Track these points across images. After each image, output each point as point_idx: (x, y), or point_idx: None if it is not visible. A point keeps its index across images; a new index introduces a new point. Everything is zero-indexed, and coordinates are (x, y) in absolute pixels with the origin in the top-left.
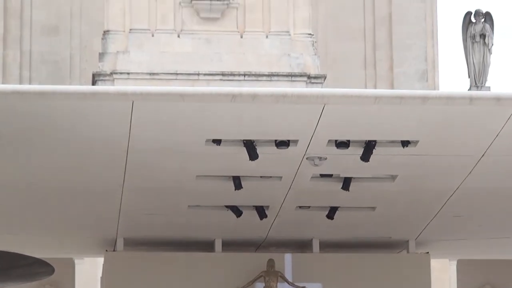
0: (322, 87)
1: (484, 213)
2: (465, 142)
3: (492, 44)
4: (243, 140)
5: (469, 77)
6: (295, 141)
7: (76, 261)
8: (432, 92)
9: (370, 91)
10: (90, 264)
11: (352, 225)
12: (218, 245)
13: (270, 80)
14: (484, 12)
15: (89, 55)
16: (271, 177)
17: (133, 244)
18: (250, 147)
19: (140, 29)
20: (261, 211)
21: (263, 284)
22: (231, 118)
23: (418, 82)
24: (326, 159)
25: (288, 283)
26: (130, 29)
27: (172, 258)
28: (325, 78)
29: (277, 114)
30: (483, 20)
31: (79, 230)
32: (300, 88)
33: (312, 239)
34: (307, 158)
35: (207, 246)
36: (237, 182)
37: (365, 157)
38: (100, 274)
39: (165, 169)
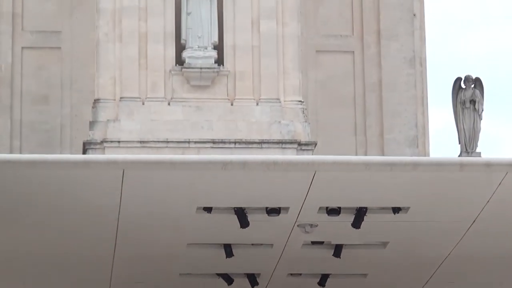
0: (312, 154)
1: (476, 280)
2: (456, 208)
3: (482, 110)
4: (234, 207)
5: (459, 143)
6: (286, 209)
7: None
8: (423, 159)
9: (361, 158)
10: None
11: None
12: None
13: (261, 148)
14: (474, 78)
15: (79, 124)
16: (262, 244)
17: None
18: (241, 214)
19: (130, 98)
20: (253, 279)
21: None
22: (222, 186)
23: (409, 148)
24: (317, 226)
25: None
26: (121, 98)
27: None
28: (315, 145)
29: (267, 181)
30: (473, 86)
31: None
32: (290, 155)
33: None
34: (298, 225)
35: None
36: (228, 250)
37: (356, 224)
38: None
39: (156, 237)
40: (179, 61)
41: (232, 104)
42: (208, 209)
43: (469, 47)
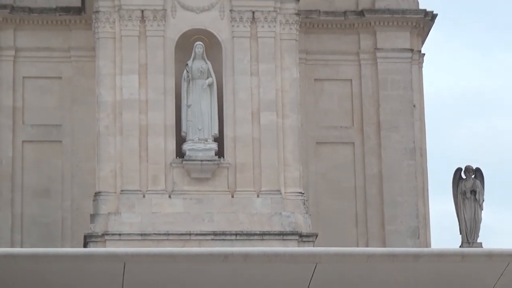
0: (314, 246)
1: None
2: None
3: (483, 200)
4: None
5: (460, 233)
6: None
7: None
8: (424, 250)
9: (362, 249)
10: None
11: None
12: None
13: (262, 239)
14: (474, 168)
15: (80, 217)
16: None
17: None
18: None
19: (131, 190)
20: None
21: None
22: (223, 278)
23: (410, 239)
24: None
25: None
26: (121, 191)
27: None
28: (316, 236)
29: (269, 273)
30: (473, 176)
31: None
32: (292, 247)
33: None
34: None
35: None
36: None
37: None
38: None
39: None
40: (180, 153)
41: (233, 196)
42: None
43: (469, 137)
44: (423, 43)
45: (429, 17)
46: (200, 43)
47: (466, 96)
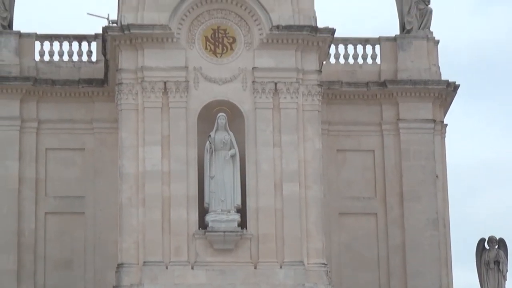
0: None
1: None
2: None
3: (507, 271)
4: None
5: None
6: None
7: None
8: None
9: None
10: None
11: None
12: None
13: None
14: (497, 239)
15: None
16: None
17: None
18: None
19: (153, 262)
20: None
21: None
22: None
23: None
24: None
25: None
26: (144, 262)
27: None
28: None
29: None
30: (497, 246)
31: None
32: None
33: None
34: None
35: None
36: None
37: None
38: None
39: None
40: (202, 224)
41: (255, 267)
42: None
43: (492, 207)
44: (445, 113)
45: (452, 88)
46: (223, 114)
47: (489, 166)
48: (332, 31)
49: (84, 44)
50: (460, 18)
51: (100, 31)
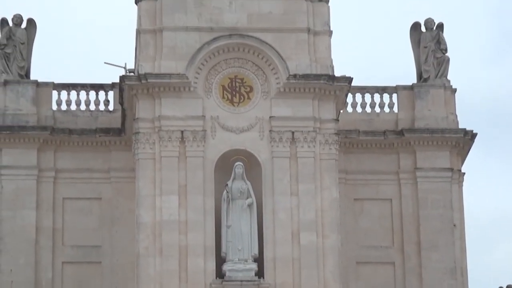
0: None
1: None
2: None
3: None
4: None
5: None
6: None
7: None
8: None
9: None
10: None
11: None
12: None
13: None
14: None
15: None
16: None
17: None
18: None
19: None
20: None
21: None
22: None
23: None
24: None
25: None
26: None
27: None
28: None
29: None
30: None
31: None
32: None
33: None
34: None
35: None
36: None
37: None
38: None
39: None
40: (220, 274)
41: None
42: None
43: (510, 256)
44: (463, 162)
45: (469, 136)
46: (240, 163)
47: (507, 214)
48: (349, 79)
49: (101, 93)
50: (477, 66)
51: (117, 80)
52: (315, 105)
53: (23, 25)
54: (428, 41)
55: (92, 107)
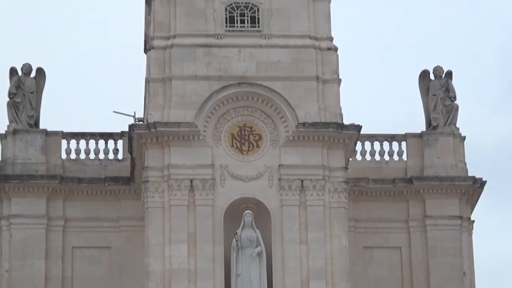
0: None
1: None
2: None
3: None
4: None
5: None
6: None
7: None
8: None
9: None
10: None
11: None
12: None
13: None
14: None
15: None
16: None
17: None
18: None
19: None
20: None
21: None
22: None
23: None
24: None
25: None
26: None
27: None
28: None
29: None
30: None
31: None
32: None
33: None
34: None
35: None
36: None
37: None
38: None
39: None
40: None
41: None
42: None
43: None
44: (472, 209)
45: (478, 184)
46: (249, 212)
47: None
48: (358, 128)
49: (111, 142)
50: (486, 114)
51: (127, 129)
52: (324, 153)
53: (32, 74)
54: (437, 89)
55: (101, 156)
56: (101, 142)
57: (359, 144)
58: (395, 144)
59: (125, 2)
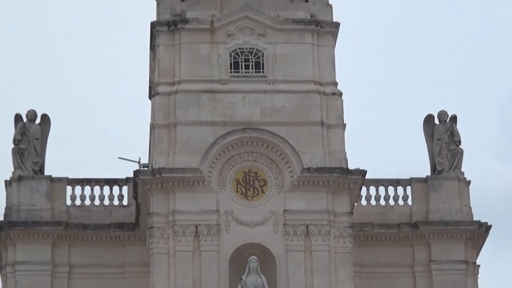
0: None
1: None
2: None
3: None
4: None
5: None
6: None
7: None
8: None
9: None
10: None
11: None
12: None
13: None
14: None
15: None
16: None
17: None
18: None
19: None
20: None
21: None
22: None
23: None
24: None
25: None
26: None
27: None
28: None
29: None
30: None
31: None
32: None
33: None
34: None
35: None
36: None
37: None
38: None
39: None
40: None
41: None
42: None
43: None
44: (477, 254)
45: (483, 229)
46: (254, 257)
47: None
48: (363, 172)
49: (115, 188)
50: (491, 158)
51: (131, 175)
52: (329, 198)
53: (37, 120)
54: (442, 133)
55: (106, 202)
56: (106, 188)
57: (364, 188)
58: (400, 189)
59: (130, 48)
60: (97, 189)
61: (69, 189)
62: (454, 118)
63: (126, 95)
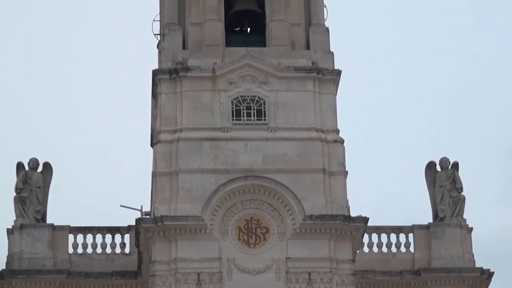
0: None
1: None
2: None
3: None
4: None
5: None
6: None
7: None
8: None
9: None
10: None
11: None
12: None
13: None
14: None
15: None
16: None
17: None
18: None
19: None
20: None
21: None
22: None
23: None
24: None
25: None
26: None
27: None
28: None
29: None
30: None
31: None
32: None
33: None
34: None
35: None
36: None
37: None
38: None
39: None
40: None
41: None
42: None
43: None
44: None
45: (486, 275)
46: None
47: None
48: (365, 220)
49: (118, 236)
50: (493, 205)
51: (133, 223)
52: (331, 245)
53: (39, 169)
54: (444, 180)
55: (108, 250)
56: (108, 236)
57: (366, 236)
58: (402, 236)
59: (131, 96)
60: (99, 237)
61: (71, 237)
62: (455, 165)
63: (128, 143)
